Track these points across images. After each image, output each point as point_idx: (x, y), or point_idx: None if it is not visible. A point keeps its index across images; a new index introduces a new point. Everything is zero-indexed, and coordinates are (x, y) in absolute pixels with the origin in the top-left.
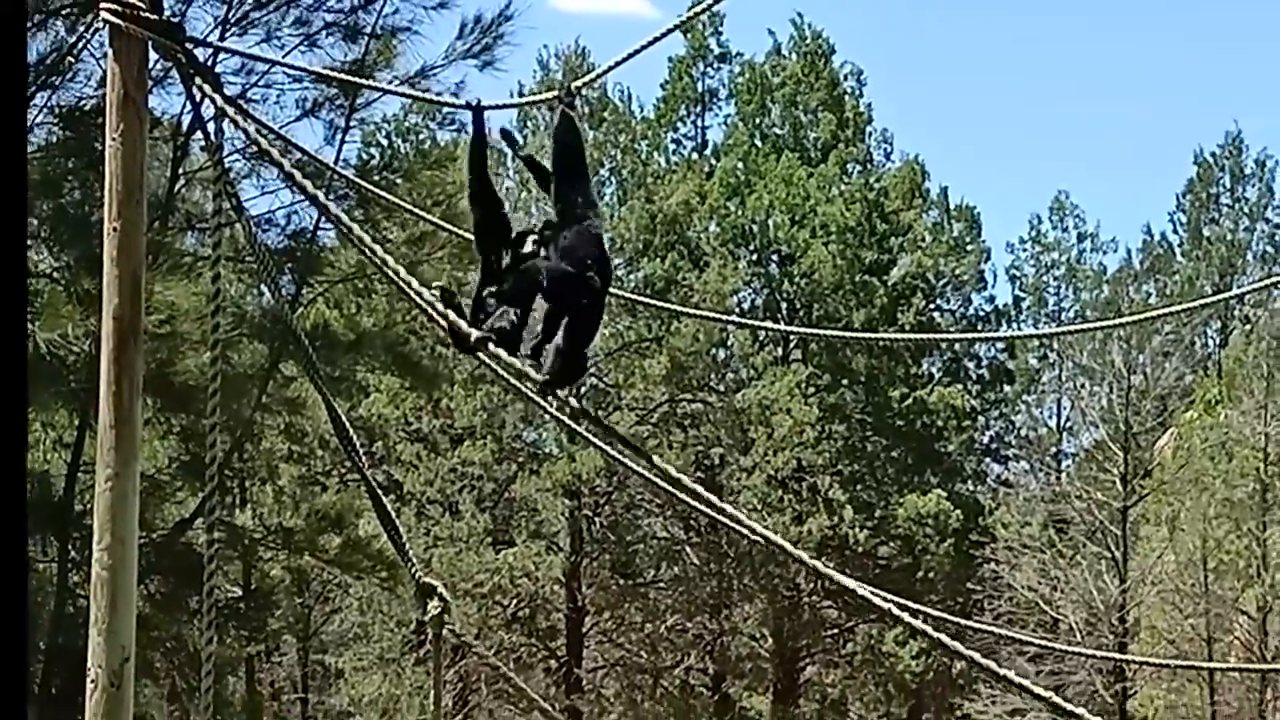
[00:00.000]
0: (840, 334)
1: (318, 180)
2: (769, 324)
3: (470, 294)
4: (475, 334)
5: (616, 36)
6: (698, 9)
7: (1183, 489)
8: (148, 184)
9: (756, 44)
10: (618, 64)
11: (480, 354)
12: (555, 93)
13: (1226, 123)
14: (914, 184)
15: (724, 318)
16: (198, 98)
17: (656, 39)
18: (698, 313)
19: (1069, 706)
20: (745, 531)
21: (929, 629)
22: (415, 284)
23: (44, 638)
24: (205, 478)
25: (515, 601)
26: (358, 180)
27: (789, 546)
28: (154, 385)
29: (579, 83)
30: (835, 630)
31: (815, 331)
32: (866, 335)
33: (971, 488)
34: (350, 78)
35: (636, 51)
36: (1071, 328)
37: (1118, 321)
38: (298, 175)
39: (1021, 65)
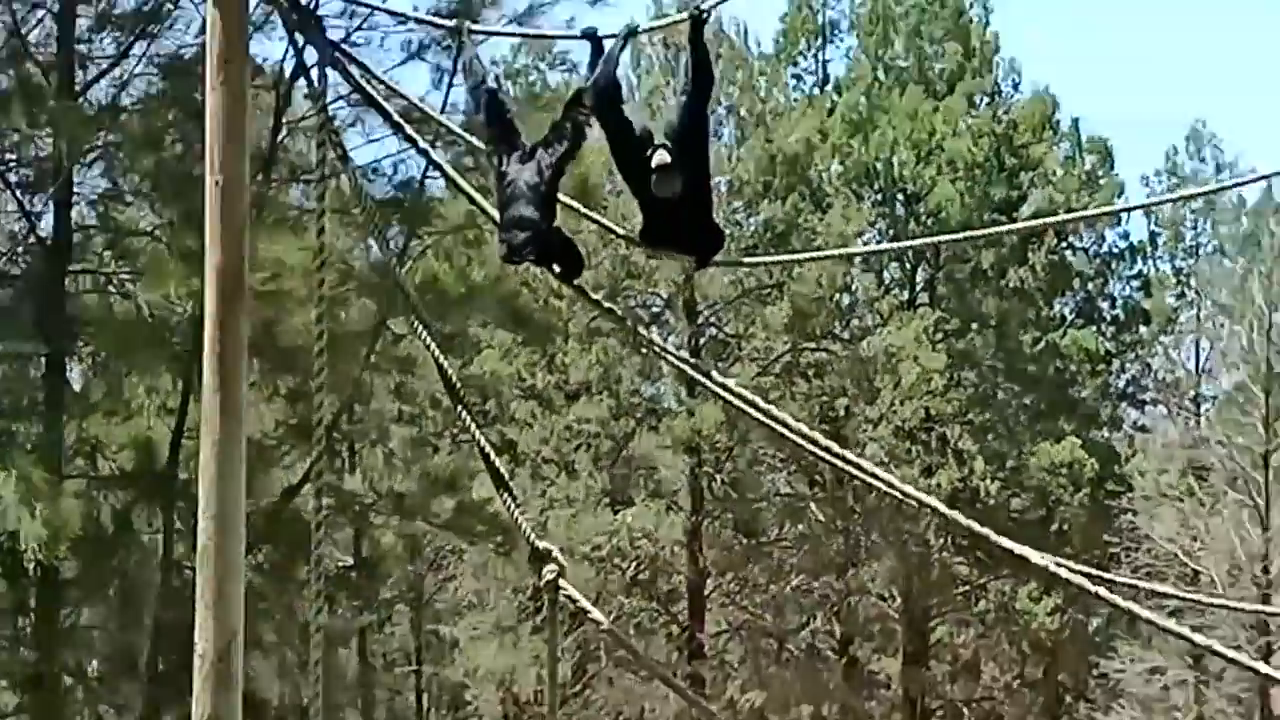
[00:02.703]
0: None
1: (425, 127)
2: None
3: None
4: None
5: None
6: None
7: None
8: (250, 135)
9: None
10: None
11: None
12: (686, 14)
13: None
14: (1044, 116)
15: (851, 251)
16: (300, 44)
17: None
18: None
19: (1216, 646)
20: (874, 483)
21: (1067, 576)
22: None
23: (150, 612)
24: (313, 441)
25: (634, 564)
26: (461, 133)
27: (921, 495)
28: (259, 346)
29: (706, 4)
30: (967, 588)
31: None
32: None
33: (1107, 435)
34: (452, 22)
35: None
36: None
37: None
38: (404, 123)
39: None
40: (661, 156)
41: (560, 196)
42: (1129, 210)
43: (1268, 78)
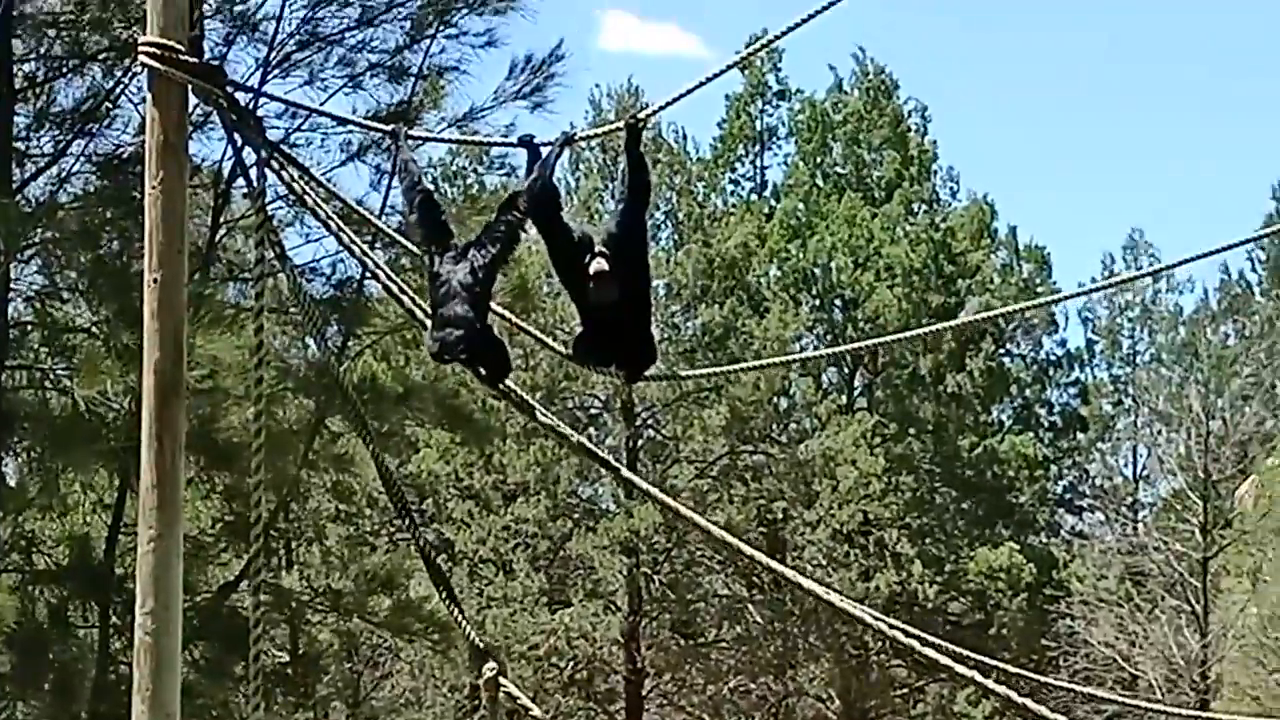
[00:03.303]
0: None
1: (363, 227)
2: (830, 350)
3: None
4: None
5: (668, 76)
6: (756, 46)
7: (1265, 539)
8: (189, 233)
9: (817, 80)
10: (678, 99)
11: None
12: (623, 121)
13: None
14: (982, 224)
15: (788, 357)
16: (239, 143)
17: (716, 75)
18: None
19: None
20: (806, 592)
21: (1002, 687)
22: None
23: (86, 708)
24: (250, 538)
25: (572, 664)
26: (397, 236)
27: (852, 607)
28: (197, 443)
29: (644, 112)
30: (905, 690)
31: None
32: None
33: (1045, 540)
34: (388, 127)
35: (696, 87)
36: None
37: None
38: (341, 225)
39: (1093, 99)
40: (599, 264)
41: (493, 305)
42: (1065, 299)
43: (1203, 187)
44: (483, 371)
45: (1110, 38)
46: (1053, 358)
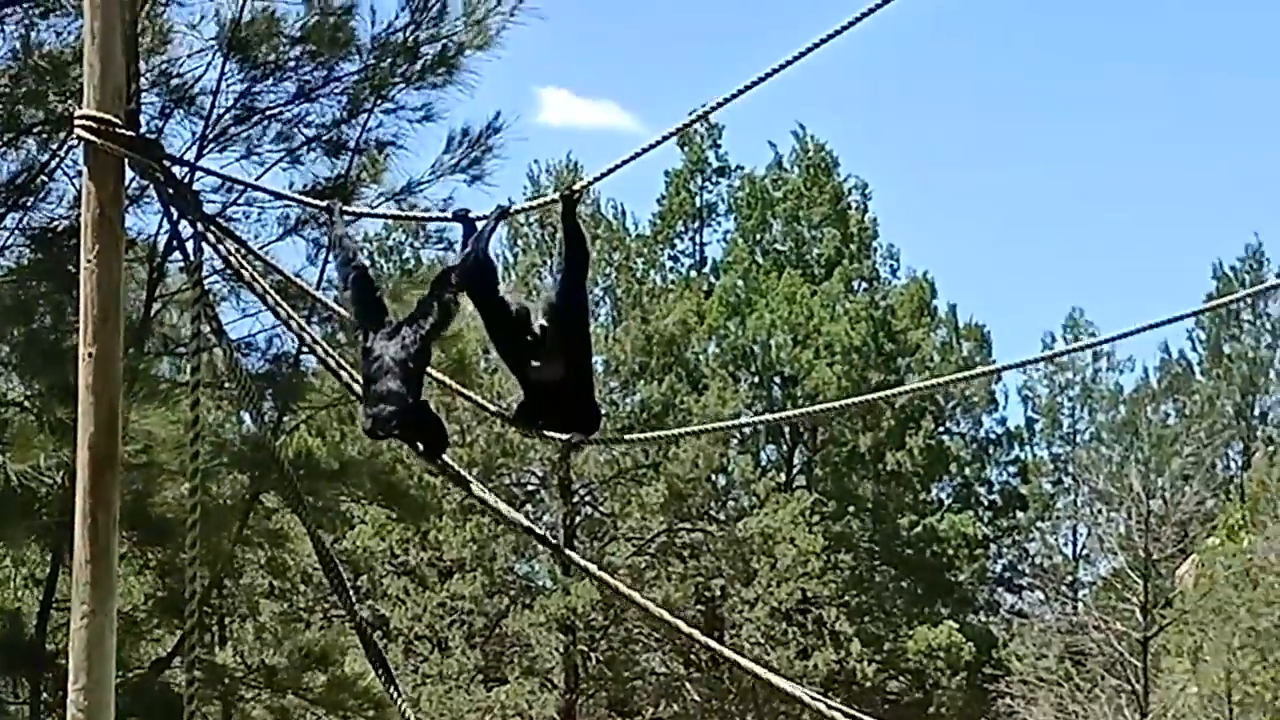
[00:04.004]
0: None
1: (301, 302)
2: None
3: None
4: None
5: (606, 152)
6: (691, 118)
7: (1206, 619)
8: (124, 307)
9: (756, 157)
10: (614, 169)
11: None
12: (556, 195)
13: (1246, 235)
14: (922, 301)
15: (728, 423)
16: (175, 217)
17: (652, 145)
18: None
19: None
20: (744, 670)
21: None
22: None
23: None
24: (184, 614)
25: None
26: (335, 308)
27: (790, 686)
28: (130, 518)
29: (579, 185)
30: None
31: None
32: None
33: (984, 619)
34: (323, 203)
35: (633, 158)
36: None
37: None
38: (278, 299)
39: (1032, 178)
40: (544, 338)
41: (435, 373)
42: (1006, 369)
43: (1143, 268)
44: (420, 446)
45: (1052, 114)
46: (992, 436)
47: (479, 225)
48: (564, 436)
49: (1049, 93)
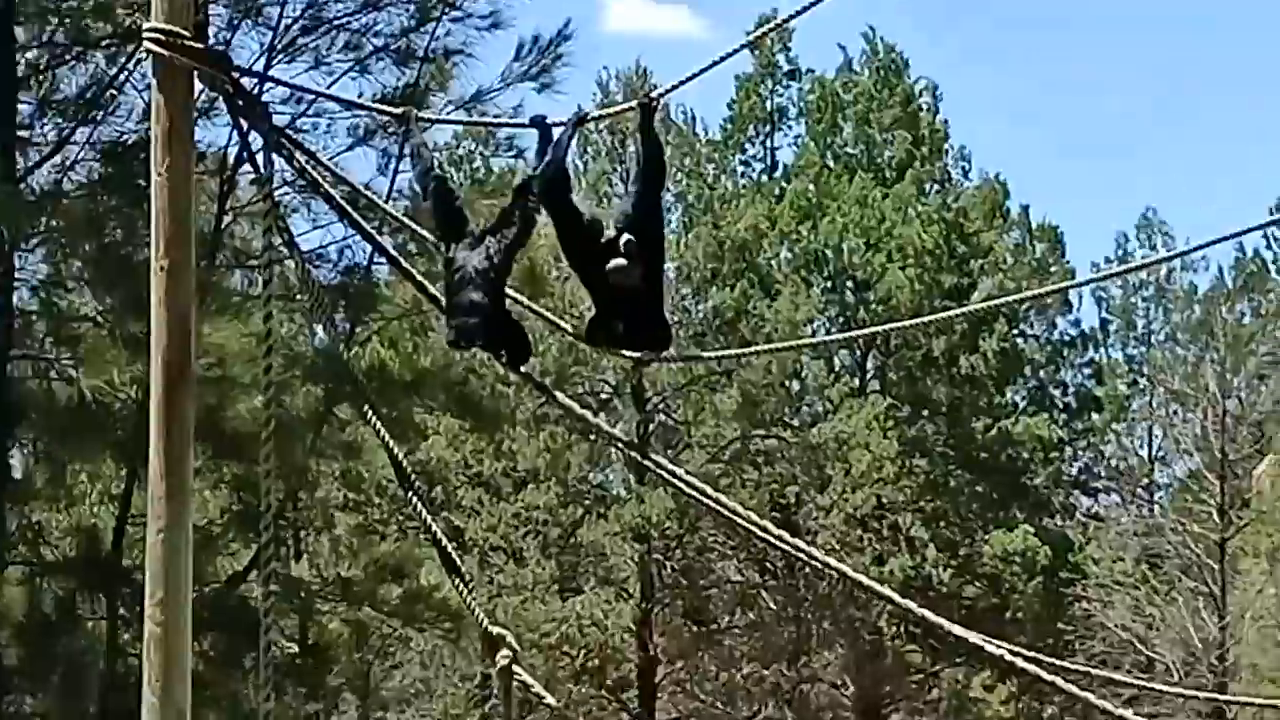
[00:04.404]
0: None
1: (371, 213)
2: (847, 335)
3: None
4: None
5: (676, 59)
6: (765, 28)
7: None
8: (195, 221)
9: (827, 60)
10: (690, 79)
11: None
12: (636, 101)
13: None
14: (994, 203)
15: (799, 342)
16: (245, 129)
17: (726, 56)
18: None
19: None
20: (825, 571)
21: (1030, 665)
22: None
23: (95, 700)
24: (260, 528)
25: (584, 652)
26: (405, 220)
27: (873, 584)
28: (204, 432)
29: (657, 92)
30: (920, 676)
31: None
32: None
33: (1060, 523)
34: (396, 110)
35: (708, 68)
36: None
37: None
38: (350, 209)
39: (1104, 78)
40: (625, 250)
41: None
42: (1083, 285)
43: (1216, 163)
44: (503, 356)
45: (1120, 13)
46: (1067, 338)
47: (555, 133)
48: (635, 354)
49: None
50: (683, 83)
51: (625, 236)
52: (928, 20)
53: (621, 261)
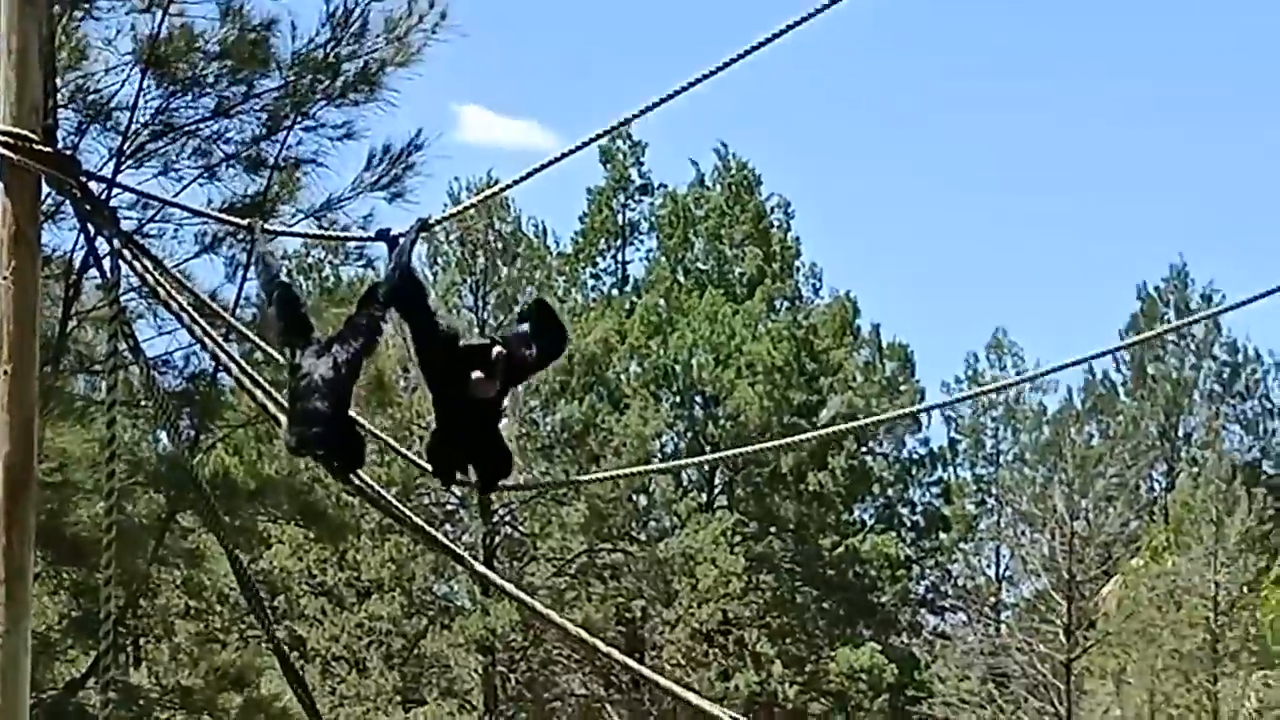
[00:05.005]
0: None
1: (217, 320)
2: (696, 459)
3: None
4: None
5: (524, 169)
6: (602, 131)
7: (1129, 640)
8: (40, 325)
9: (679, 175)
10: (528, 176)
11: None
12: (474, 200)
13: (1170, 256)
14: (844, 321)
15: (650, 468)
16: (92, 234)
17: (564, 155)
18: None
19: None
20: (666, 692)
21: None
22: None
23: None
24: (99, 634)
25: None
26: (246, 332)
27: (710, 707)
28: (45, 537)
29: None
30: None
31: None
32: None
33: (907, 640)
34: (242, 221)
35: (541, 168)
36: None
37: None
38: (195, 318)
39: (956, 198)
40: (493, 361)
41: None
42: (930, 409)
43: (1066, 284)
44: (335, 465)
45: (972, 133)
46: (915, 456)
47: (401, 241)
48: (476, 485)
49: (974, 108)
50: (518, 181)
51: (496, 349)
52: (781, 136)
53: (480, 375)
